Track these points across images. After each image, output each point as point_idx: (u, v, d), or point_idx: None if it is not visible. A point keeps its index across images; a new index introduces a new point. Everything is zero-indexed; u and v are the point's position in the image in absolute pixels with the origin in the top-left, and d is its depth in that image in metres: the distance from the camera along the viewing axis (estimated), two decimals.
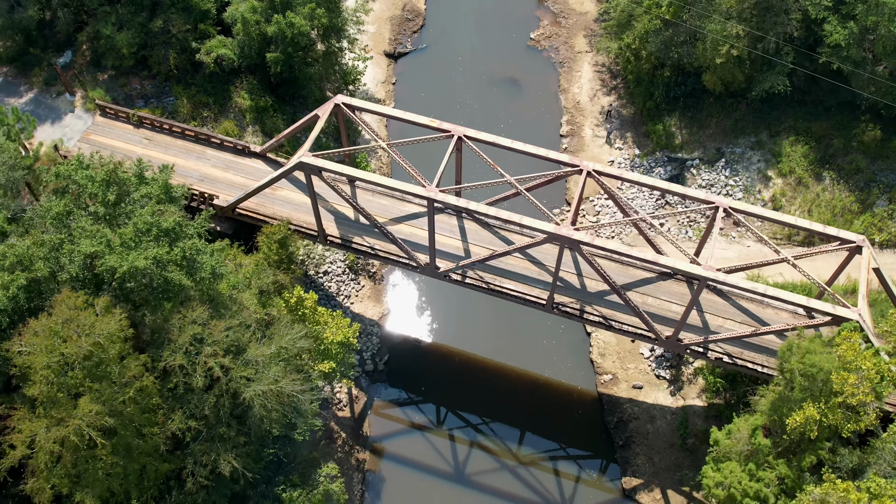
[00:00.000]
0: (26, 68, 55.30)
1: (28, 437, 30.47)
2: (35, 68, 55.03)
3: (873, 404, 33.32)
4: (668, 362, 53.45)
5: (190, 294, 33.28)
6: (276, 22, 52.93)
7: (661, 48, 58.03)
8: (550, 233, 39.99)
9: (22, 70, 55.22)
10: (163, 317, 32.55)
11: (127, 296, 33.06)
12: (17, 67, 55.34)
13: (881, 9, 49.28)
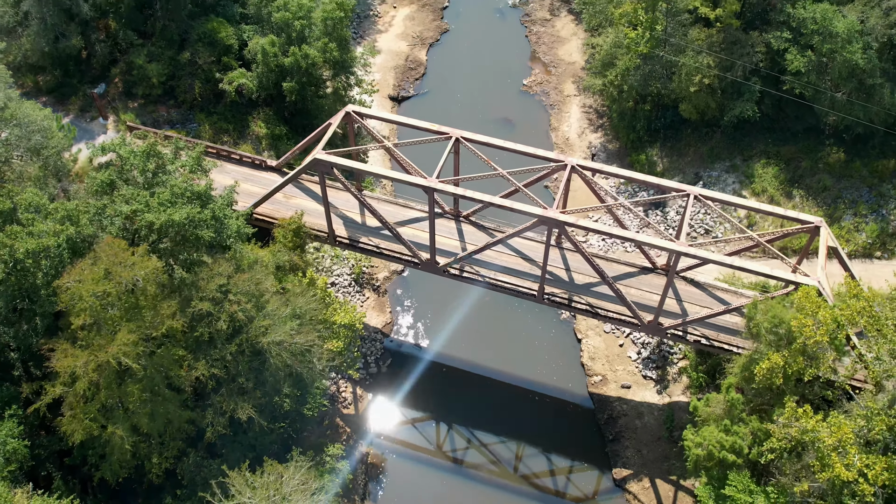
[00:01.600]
0: (64, 97, 60.85)
1: (70, 366, 34.02)
2: (72, 97, 60.55)
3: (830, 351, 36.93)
4: (654, 363, 56.89)
5: (216, 253, 37.38)
6: (293, 54, 58.77)
7: (641, 82, 63.73)
8: (540, 216, 44.42)
9: (60, 99, 60.75)
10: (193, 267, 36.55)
11: (161, 251, 37.21)
12: (56, 97, 60.92)
13: (835, 38, 55.05)
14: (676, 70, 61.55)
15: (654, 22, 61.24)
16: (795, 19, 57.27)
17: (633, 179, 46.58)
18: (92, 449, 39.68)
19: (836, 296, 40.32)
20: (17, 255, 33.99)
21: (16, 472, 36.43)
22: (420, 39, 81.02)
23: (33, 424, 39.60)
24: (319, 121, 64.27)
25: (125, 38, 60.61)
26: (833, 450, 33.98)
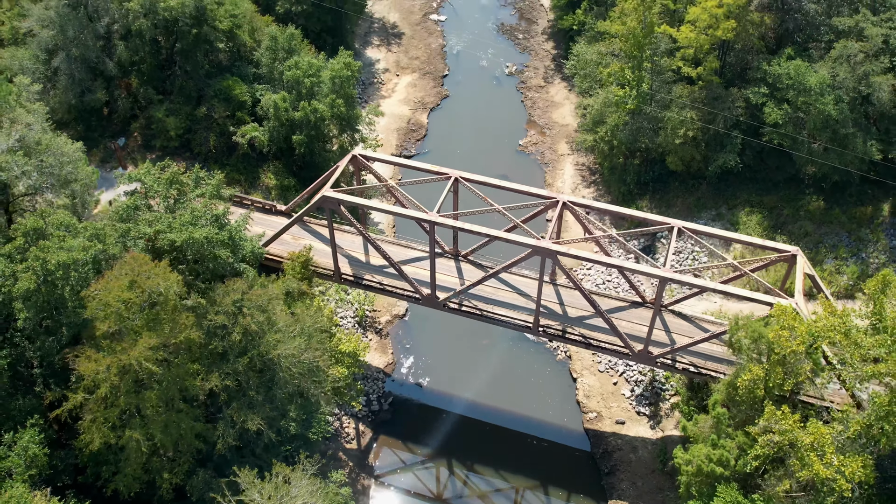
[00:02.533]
0: (87, 150, 64.52)
1: (93, 369, 36.36)
2: (94, 149, 64.32)
3: (807, 362, 39.25)
4: (647, 400, 58.83)
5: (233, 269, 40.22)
6: (303, 108, 62.81)
7: (630, 137, 67.63)
8: (534, 246, 47.35)
9: (83, 150, 64.48)
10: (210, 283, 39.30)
11: (181, 272, 40.02)
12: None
13: (808, 92, 59.11)
14: (663, 125, 65.50)
15: (641, 80, 65.55)
16: (771, 76, 61.49)
17: (620, 214, 49.72)
18: (106, 465, 41.62)
19: (813, 314, 42.85)
20: (48, 266, 36.76)
21: (35, 478, 38.21)
22: (421, 104, 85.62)
23: (51, 438, 41.52)
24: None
25: (145, 94, 64.80)
26: (811, 449, 35.97)
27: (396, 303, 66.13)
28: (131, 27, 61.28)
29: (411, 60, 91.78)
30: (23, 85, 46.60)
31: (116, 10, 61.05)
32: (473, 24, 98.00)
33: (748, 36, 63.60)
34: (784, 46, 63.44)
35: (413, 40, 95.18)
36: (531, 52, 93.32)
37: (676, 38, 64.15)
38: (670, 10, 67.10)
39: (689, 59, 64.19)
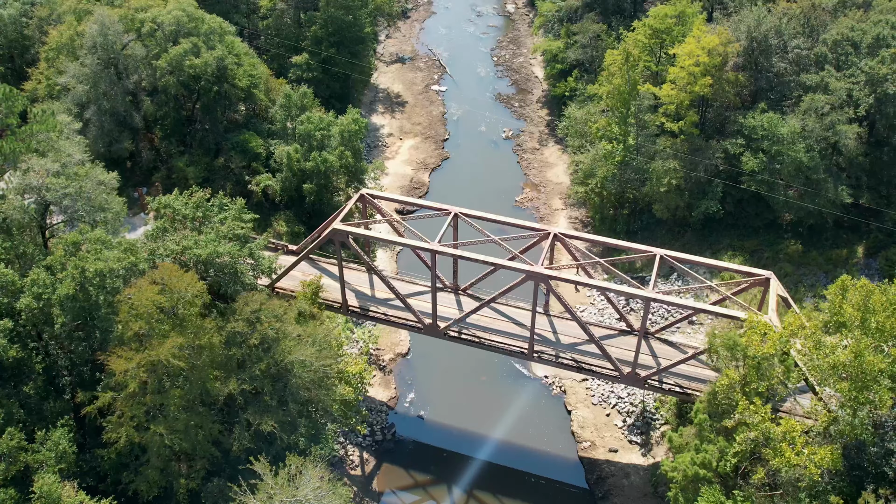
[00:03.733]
0: None
1: (124, 367, 39.82)
2: (120, 196, 68.85)
3: (778, 366, 42.65)
4: (639, 429, 61.66)
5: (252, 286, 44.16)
6: (314, 158, 67.77)
7: (619, 188, 72.44)
8: (528, 271, 51.31)
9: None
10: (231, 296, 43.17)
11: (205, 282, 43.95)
12: None
13: (781, 141, 64.12)
14: (648, 175, 70.32)
15: (627, 134, 70.74)
16: (747, 128, 66.66)
17: (606, 244, 53.83)
18: (126, 471, 44.56)
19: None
20: (86, 274, 40.68)
21: (64, 471, 41.13)
22: (423, 164, 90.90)
23: (78, 443, 44.53)
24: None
25: (167, 147, 69.92)
26: (783, 440, 39.08)
27: (399, 341, 69.57)
28: (158, 84, 66.76)
29: (414, 126, 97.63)
30: (64, 122, 51.47)
31: (145, 68, 66.61)
32: (472, 94, 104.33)
33: (725, 93, 69.07)
34: (758, 102, 68.81)
35: (416, 108, 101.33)
36: (526, 118, 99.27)
37: (659, 96, 69.65)
38: (653, 71, 72.86)
39: (671, 114, 69.55)
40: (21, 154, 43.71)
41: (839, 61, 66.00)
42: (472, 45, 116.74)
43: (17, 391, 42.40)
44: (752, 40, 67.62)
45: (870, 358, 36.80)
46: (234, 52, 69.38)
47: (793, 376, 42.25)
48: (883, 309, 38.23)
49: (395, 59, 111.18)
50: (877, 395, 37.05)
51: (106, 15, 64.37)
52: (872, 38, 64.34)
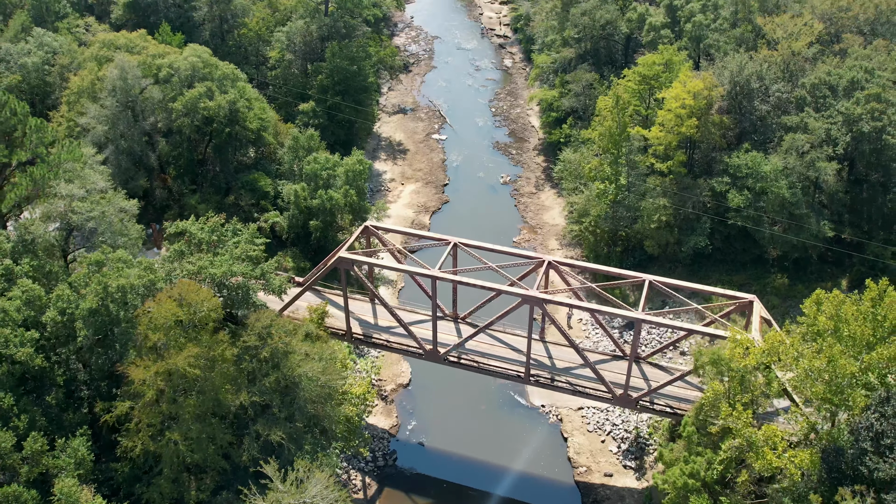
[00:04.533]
0: None
1: (143, 375, 42.29)
2: None
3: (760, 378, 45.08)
4: (633, 454, 63.56)
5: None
6: (320, 196, 71.10)
7: (612, 226, 75.60)
8: (524, 295, 54.05)
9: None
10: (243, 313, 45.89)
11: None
12: None
13: (764, 178, 67.51)
14: (640, 213, 73.54)
15: (618, 174, 74.22)
16: (732, 167, 70.12)
17: (599, 270, 56.66)
18: (139, 482, 46.63)
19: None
20: (109, 289, 43.45)
21: (83, 477, 43.21)
22: (424, 208, 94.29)
23: (94, 456, 46.66)
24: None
25: (180, 186, 73.33)
26: (765, 444, 41.32)
27: (401, 372, 71.82)
28: (173, 125, 70.50)
29: (415, 172, 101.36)
30: (88, 154, 54.84)
31: (161, 110, 70.45)
32: (471, 142, 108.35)
33: (711, 135, 72.76)
34: (743, 143, 72.45)
35: (417, 155, 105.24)
36: (523, 164, 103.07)
37: (648, 138, 73.35)
38: (642, 115, 76.74)
39: (660, 154, 73.14)
40: (49, 180, 46.82)
41: (818, 103, 69.84)
42: (471, 97, 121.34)
43: (40, 401, 44.74)
44: (736, 85, 71.60)
45: (842, 362, 39.31)
46: (246, 96, 73.32)
47: (774, 388, 44.60)
48: (854, 318, 40.87)
49: (398, 110, 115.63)
50: (850, 397, 39.42)
51: (126, 60, 68.43)
52: (848, 82, 68.27)
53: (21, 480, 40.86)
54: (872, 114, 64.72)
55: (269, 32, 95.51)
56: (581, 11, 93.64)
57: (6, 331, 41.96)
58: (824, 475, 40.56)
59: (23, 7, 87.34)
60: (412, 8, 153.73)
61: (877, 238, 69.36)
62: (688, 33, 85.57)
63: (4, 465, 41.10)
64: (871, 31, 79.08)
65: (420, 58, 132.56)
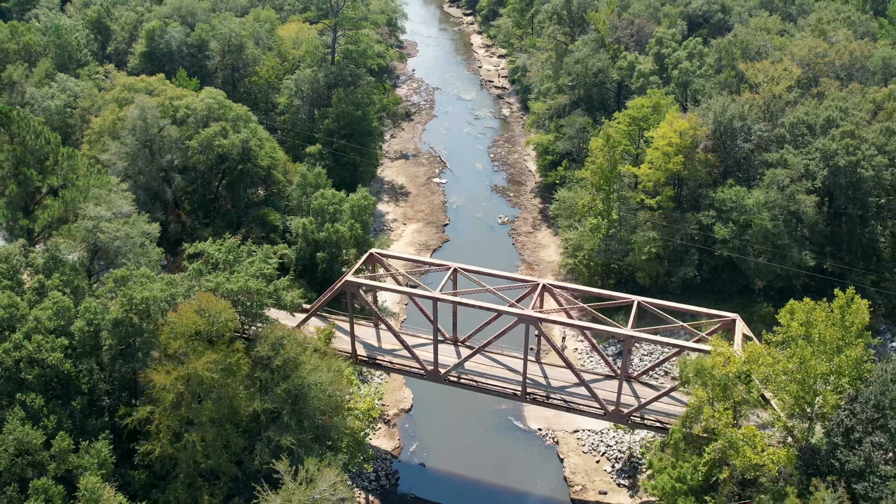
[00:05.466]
0: None
1: (165, 380, 45.41)
2: None
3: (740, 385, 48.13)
4: (626, 473, 66.01)
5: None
6: (326, 229, 74.91)
7: (605, 259, 79.20)
8: (520, 314, 57.38)
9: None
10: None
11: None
12: None
13: (748, 211, 71.40)
14: (631, 246, 77.26)
15: (610, 209, 78.16)
16: (717, 201, 74.07)
17: (589, 293, 60.08)
18: (156, 489, 49.34)
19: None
20: (134, 301, 46.88)
21: (105, 477, 45.97)
22: (425, 245, 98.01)
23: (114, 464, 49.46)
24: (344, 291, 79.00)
25: (193, 221, 77.19)
26: (745, 444, 44.23)
27: (403, 398, 74.59)
28: (189, 162, 74.70)
29: (416, 213, 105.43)
30: (114, 181, 58.79)
31: (177, 149, 74.74)
32: (471, 185, 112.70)
33: (697, 172, 76.91)
34: (727, 179, 76.52)
35: (418, 198, 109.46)
36: (521, 206, 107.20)
37: (638, 175, 77.49)
38: (632, 154, 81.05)
39: (650, 190, 77.16)
40: (79, 203, 50.61)
41: (797, 141, 74.13)
42: (471, 144, 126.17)
43: (66, 406, 47.76)
44: (719, 124, 76.01)
45: (813, 362, 42.51)
46: (257, 136, 77.69)
47: (753, 394, 47.64)
48: (824, 323, 44.18)
49: (400, 156, 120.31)
50: (822, 395, 42.50)
51: (145, 101, 72.97)
52: (824, 120, 72.67)
53: (49, 476, 43.61)
54: (847, 149, 68.90)
55: (279, 80, 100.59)
56: (574, 60, 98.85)
57: (39, 337, 45.21)
58: (801, 471, 43.35)
59: (46, 55, 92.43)
60: (413, 62, 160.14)
61: (857, 268, 72.87)
62: (675, 79, 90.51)
63: (34, 461, 43.95)
64: (847, 76, 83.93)
65: (421, 107, 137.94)
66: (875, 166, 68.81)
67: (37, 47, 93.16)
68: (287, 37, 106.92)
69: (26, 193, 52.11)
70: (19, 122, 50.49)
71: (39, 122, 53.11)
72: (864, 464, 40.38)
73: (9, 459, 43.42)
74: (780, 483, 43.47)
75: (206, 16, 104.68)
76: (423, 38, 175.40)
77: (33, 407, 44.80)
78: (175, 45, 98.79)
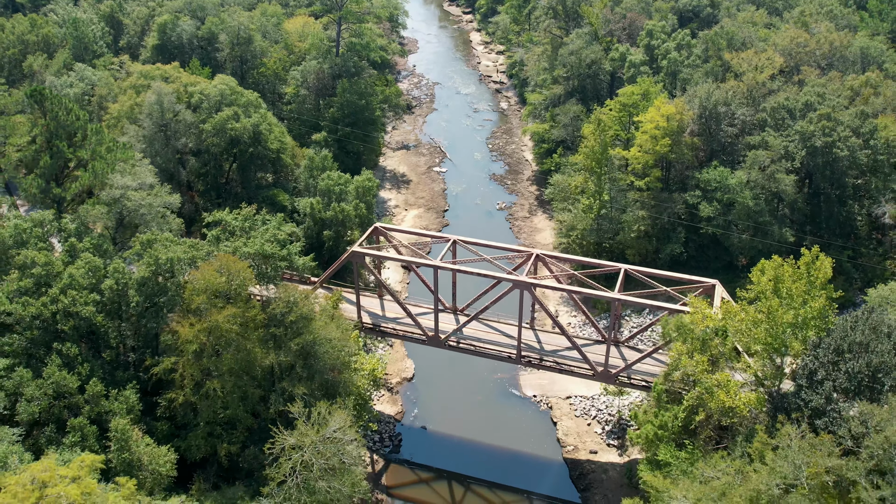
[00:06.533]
0: None
1: (189, 332, 49.60)
2: None
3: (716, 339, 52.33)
4: (616, 434, 70.21)
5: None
6: (333, 208, 79.13)
7: (597, 238, 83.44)
8: (514, 280, 61.61)
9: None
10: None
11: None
12: None
13: (731, 190, 75.65)
14: (621, 225, 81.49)
15: (601, 190, 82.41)
16: (703, 181, 78.33)
17: (579, 261, 64.39)
18: (177, 437, 53.52)
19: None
20: (160, 261, 51.11)
21: (133, 420, 50.15)
22: (426, 229, 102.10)
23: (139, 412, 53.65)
24: (349, 266, 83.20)
25: (206, 202, 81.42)
26: (717, 385, 48.45)
27: (405, 368, 78.78)
28: (202, 145, 78.96)
29: (417, 199, 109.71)
30: (138, 156, 63.05)
31: (191, 132, 79.00)
32: (470, 174, 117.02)
33: (684, 155, 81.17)
34: (713, 161, 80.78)
35: (419, 185, 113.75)
36: (518, 193, 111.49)
37: (627, 158, 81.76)
38: (623, 139, 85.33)
39: (639, 172, 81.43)
40: (107, 174, 54.86)
41: (777, 124, 78.40)
42: (470, 135, 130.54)
43: (97, 357, 51.97)
44: (704, 109, 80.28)
45: (780, 312, 46.73)
46: (267, 121, 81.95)
47: (728, 346, 51.84)
48: (790, 278, 48.42)
49: (401, 147, 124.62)
50: (788, 342, 46.72)
51: (162, 87, 77.25)
52: (803, 104, 76.96)
53: (84, 417, 47.83)
54: (824, 130, 73.17)
55: (285, 71, 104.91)
56: (569, 52, 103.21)
57: (73, 292, 49.44)
58: (769, 413, 47.55)
59: (64, 46, 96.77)
60: (414, 58, 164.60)
61: (835, 245, 77.08)
62: (664, 69, 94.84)
63: (70, 403, 48.17)
64: (827, 65, 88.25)
65: (422, 101, 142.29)
66: (850, 147, 73.04)
67: (55, 39, 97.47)
68: (293, 30, 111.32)
69: (58, 165, 56.31)
70: (52, 100, 54.76)
71: (70, 101, 57.33)
72: (825, 401, 44.55)
73: (48, 402, 47.65)
74: (750, 424, 47.64)
75: (216, 10, 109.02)
76: (423, 35, 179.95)
77: (69, 355, 49.01)
78: (186, 38, 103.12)
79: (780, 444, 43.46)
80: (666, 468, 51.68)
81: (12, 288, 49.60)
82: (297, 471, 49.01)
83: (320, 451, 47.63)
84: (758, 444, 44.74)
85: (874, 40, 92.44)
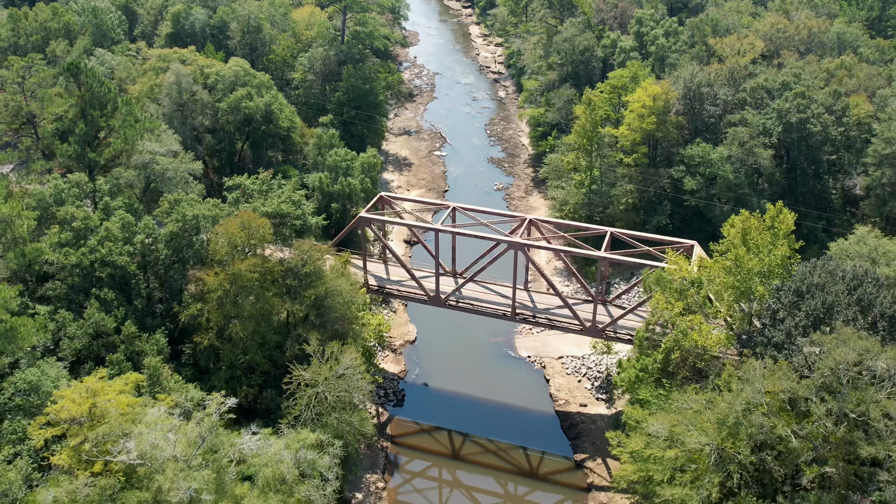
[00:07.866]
0: None
1: (215, 281, 54.87)
2: None
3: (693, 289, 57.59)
4: (604, 389, 75.52)
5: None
6: (340, 182, 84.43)
7: (588, 213, 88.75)
8: (508, 240, 66.93)
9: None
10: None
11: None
12: None
13: (713, 164, 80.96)
14: (611, 200, 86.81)
15: (592, 166, 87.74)
16: (687, 157, 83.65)
17: (569, 226, 69.76)
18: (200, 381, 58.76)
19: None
20: (186, 217, 56.42)
21: (163, 359, 55.43)
22: (427, 208, 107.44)
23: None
24: (355, 238, 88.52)
25: (220, 178, 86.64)
26: (690, 327, 53.76)
27: (408, 332, 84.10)
28: (217, 124, 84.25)
29: (419, 180, 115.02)
30: (163, 127, 68.41)
31: (207, 111, 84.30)
32: (469, 158, 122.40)
33: (670, 133, 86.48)
34: (696, 139, 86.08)
35: (420, 168, 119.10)
36: (515, 175, 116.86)
37: (616, 136, 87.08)
38: (612, 119, 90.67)
39: (627, 149, 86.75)
40: (137, 140, 60.20)
41: (756, 103, 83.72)
42: (469, 122, 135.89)
43: (130, 303, 57.28)
44: (688, 90, 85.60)
45: (746, 258, 52.03)
46: (278, 101, 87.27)
47: (702, 295, 57.13)
48: (756, 229, 53.73)
49: (403, 132, 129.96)
50: (754, 288, 52.01)
51: (180, 68, 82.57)
52: (780, 84, 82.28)
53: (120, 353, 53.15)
54: (798, 107, 78.47)
55: (293, 58, 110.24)
56: (563, 39, 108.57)
57: (110, 244, 54.76)
58: (738, 350, 52.83)
59: (84, 33, 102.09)
60: (415, 49, 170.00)
61: (811, 217, 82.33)
62: (653, 55, 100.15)
63: (107, 342, 53.46)
64: (805, 50, 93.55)
65: (423, 90, 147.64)
66: (822, 123, 78.34)
67: (75, 26, 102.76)
68: (300, 19, 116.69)
69: (92, 132, 61.64)
70: (87, 73, 60.08)
71: (102, 74, 62.62)
72: (786, 337, 49.85)
73: (87, 340, 52.94)
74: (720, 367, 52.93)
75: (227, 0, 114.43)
76: (423, 28, 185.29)
77: (106, 300, 54.30)
78: (199, 26, 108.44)
79: (745, 374, 48.73)
80: (646, 405, 56.95)
81: (54, 240, 54.89)
82: (311, 405, 54.35)
83: (333, 386, 52.88)
84: (725, 376, 50.05)
85: (851, 27, 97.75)
